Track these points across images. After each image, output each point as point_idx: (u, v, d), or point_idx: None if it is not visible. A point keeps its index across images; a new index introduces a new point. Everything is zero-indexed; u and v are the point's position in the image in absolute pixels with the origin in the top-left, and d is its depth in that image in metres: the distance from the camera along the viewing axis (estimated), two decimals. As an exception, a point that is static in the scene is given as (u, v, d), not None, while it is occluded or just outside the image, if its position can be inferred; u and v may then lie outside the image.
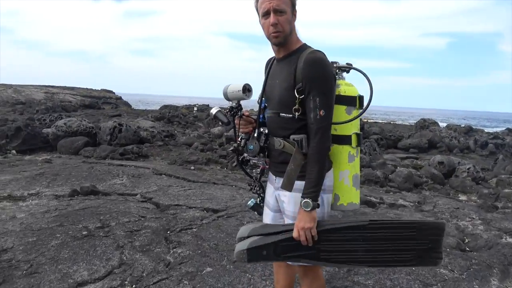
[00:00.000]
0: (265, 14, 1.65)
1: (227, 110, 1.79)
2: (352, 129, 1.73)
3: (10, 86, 31.23)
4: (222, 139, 11.35)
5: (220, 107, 1.82)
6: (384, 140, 15.19)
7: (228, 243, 3.39)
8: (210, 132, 12.75)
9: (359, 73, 1.77)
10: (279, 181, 1.76)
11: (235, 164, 1.91)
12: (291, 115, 1.64)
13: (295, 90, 1.62)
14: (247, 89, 1.73)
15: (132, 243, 3.28)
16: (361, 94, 1.75)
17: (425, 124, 19.33)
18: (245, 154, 1.82)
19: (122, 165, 6.70)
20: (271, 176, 1.86)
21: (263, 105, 1.84)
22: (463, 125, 25.21)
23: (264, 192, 1.93)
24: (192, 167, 7.62)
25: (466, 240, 3.94)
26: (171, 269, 2.89)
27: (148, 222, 3.78)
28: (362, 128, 14.84)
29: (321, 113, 1.57)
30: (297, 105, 1.62)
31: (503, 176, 8.11)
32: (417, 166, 9.90)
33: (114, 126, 9.54)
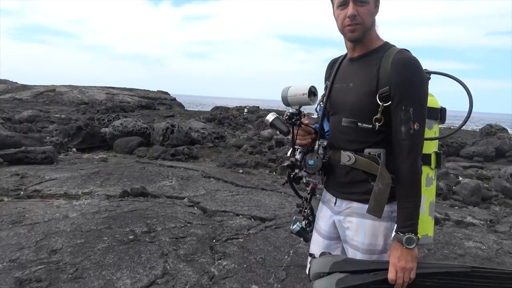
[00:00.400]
0: (343, 4, 1.42)
1: (286, 117, 1.52)
2: (431, 147, 1.46)
3: (76, 87, 33.55)
4: (272, 142, 11.17)
5: (277, 114, 1.55)
6: (445, 147, 14.19)
7: (276, 257, 3.16)
8: (260, 134, 12.64)
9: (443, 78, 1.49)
10: (341, 204, 1.52)
11: (284, 182, 1.65)
12: (370, 126, 1.39)
13: (378, 96, 1.36)
14: (312, 93, 1.47)
15: (176, 251, 3.17)
16: (443, 106, 1.49)
17: (491, 130, 17.81)
18: (296, 170, 1.58)
19: (172, 166, 6.73)
20: (329, 197, 1.60)
21: (320, 112, 1.60)
22: (536, 133, 22.93)
23: (313, 215, 1.67)
24: (241, 171, 7.51)
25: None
26: (215, 284, 2.72)
27: (194, 229, 3.67)
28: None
29: (415, 126, 1.32)
30: (379, 114, 1.36)
31: None
32: (483, 176, 9.04)
33: (167, 127, 9.72)
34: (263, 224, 3.95)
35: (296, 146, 1.57)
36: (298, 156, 1.55)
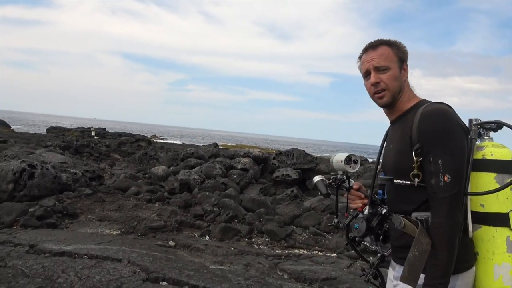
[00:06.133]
0: (366, 75, 1.49)
1: (330, 181, 1.62)
2: (509, 204, 1.29)
3: None
4: (174, 184, 8.61)
5: (322, 176, 1.66)
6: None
7: None
8: (150, 172, 9.79)
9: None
10: (400, 269, 1.40)
11: (346, 242, 1.63)
12: (408, 182, 1.36)
13: (413, 152, 1.35)
14: (352, 160, 1.58)
15: None
16: None
17: (358, 162, 19.05)
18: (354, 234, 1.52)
19: (63, 252, 3.74)
20: (392, 262, 1.55)
21: (382, 175, 1.52)
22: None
23: (383, 282, 1.60)
24: (172, 242, 4.93)
25: None
26: None
27: None
28: (316, 166, 13.50)
29: (445, 178, 1.27)
30: (415, 170, 1.34)
31: None
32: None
33: (22, 169, 6.16)
34: None
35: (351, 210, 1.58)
36: (347, 220, 1.56)
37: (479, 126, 1.39)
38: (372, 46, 1.48)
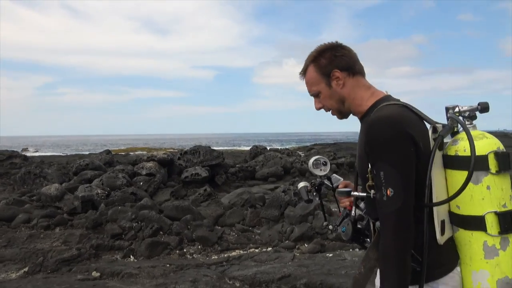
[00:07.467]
0: None
1: (311, 186, 1.65)
2: (485, 206, 1.18)
3: None
4: (74, 203, 7.50)
5: (306, 182, 1.68)
6: (242, 172, 14.38)
7: None
8: (40, 193, 8.35)
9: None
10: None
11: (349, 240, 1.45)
12: (365, 194, 1.30)
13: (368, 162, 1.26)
14: (321, 163, 1.60)
15: None
16: (501, 149, 1.20)
17: (258, 151, 19.62)
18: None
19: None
20: None
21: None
22: (278, 147, 27.34)
23: None
24: (96, 273, 4.23)
25: None
26: None
27: None
28: (223, 160, 13.39)
29: (388, 192, 1.17)
30: (370, 180, 1.25)
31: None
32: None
33: None
34: None
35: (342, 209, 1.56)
36: (338, 220, 1.54)
37: (458, 114, 1.29)
38: (302, 72, 1.44)
